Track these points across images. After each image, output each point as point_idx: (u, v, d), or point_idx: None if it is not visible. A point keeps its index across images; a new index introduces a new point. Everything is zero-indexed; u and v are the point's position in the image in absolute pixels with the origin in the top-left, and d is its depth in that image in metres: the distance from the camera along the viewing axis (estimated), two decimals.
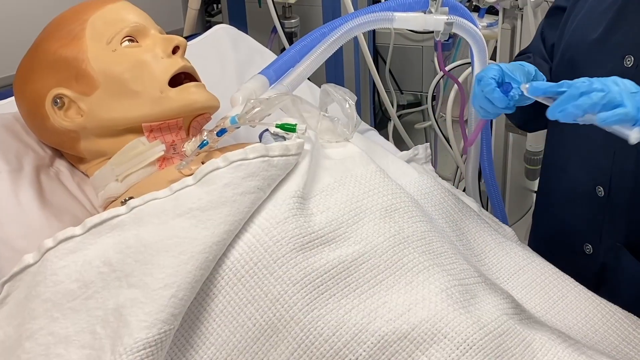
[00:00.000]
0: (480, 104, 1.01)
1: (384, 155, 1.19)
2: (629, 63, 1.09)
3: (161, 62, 1.10)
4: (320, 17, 2.17)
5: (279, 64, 1.27)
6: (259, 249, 0.91)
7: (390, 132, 2.48)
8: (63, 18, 1.14)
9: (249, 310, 0.89)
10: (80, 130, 1.10)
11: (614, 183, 1.16)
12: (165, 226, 0.90)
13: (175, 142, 1.11)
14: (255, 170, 0.95)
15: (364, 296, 0.91)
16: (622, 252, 1.17)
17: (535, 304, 1.07)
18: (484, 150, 1.44)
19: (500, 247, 1.14)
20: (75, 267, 0.89)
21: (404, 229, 1.00)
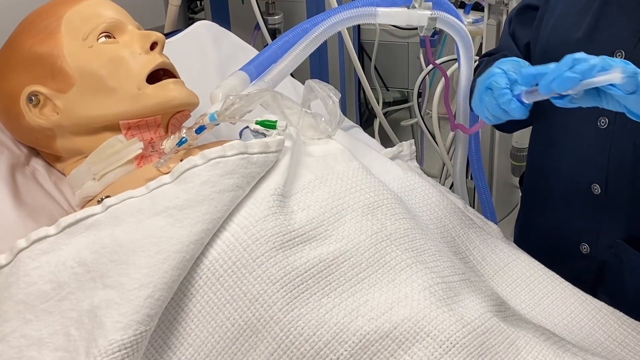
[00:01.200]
0: (494, 113, 0.96)
1: (367, 153, 1.18)
2: (620, 57, 1.08)
3: (139, 58, 1.08)
4: (304, 13, 2.16)
5: (260, 60, 1.25)
6: (237, 247, 0.90)
7: (377, 130, 2.47)
8: (38, 14, 1.12)
9: (228, 310, 0.88)
10: (56, 128, 1.08)
11: (611, 179, 1.14)
12: (141, 225, 0.89)
13: (154, 140, 1.09)
14: (233, 167, 0.93)
15: (345, 295, 0.90)
16: (623, 248, 1.16)
17: (521, 301, 1.06)
18: (472, 146, 1.43)
19: (485, 244, 1.13)
20: (48, 267, 0.88)
21: (386, 226, 0.99)
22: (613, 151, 1.13)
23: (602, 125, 1.12)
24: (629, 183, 1.13)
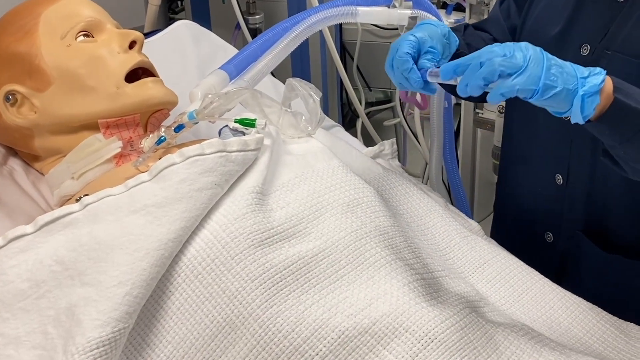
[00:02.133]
0: (397, 78, 0.97)
1: (348, 151, 1.18)
2: (585, 51, 1.10)
3: (117, 57, 1.08)
4: (286, 12, 2.16)
5: (240, 58, 1.25)
6: (216, 245, 0.90)
7: (359, 130, 2.47)
8: (15, 12, 1.12)
9: (207, 307, 0.88)
10: (33, 127, 1.08)
11: (572, 171, 1.16)
12: (119, 223, 0.89)
13: (133, 139, 1.09)
14: (212, 165, 0.93)
15: (325, 292, 0.90)
16: (582, 239, 1.18)
17: (500, 297, 1.06)
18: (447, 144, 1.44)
19: (465, 241, 1.13)
20: (26, 266, 0.87)
21: (366, 223, 0.99)
22: (574, 144, 1.15)
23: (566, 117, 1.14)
24: (587, 176, 1.15)
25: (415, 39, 0.97)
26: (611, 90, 0.90)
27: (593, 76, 0.88)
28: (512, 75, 0.85)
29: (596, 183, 1.14)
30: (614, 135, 0.94)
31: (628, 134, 0.93)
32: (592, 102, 0.88)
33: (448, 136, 1.46)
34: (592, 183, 1.14)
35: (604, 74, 0.89)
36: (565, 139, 1.15)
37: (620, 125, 0.92)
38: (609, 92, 0.90)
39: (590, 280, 1.18)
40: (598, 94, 0.88)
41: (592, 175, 1.14)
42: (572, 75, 0.88)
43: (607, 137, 0.95)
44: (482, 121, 2.05)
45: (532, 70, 0.85)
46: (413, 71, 0.94)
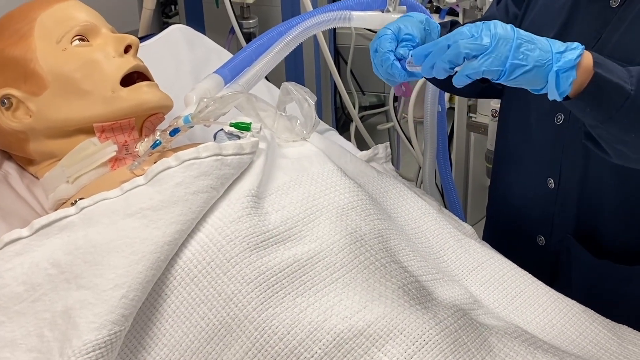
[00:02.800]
0: (383, 76, 0.98)
1: (342, 155, 1.18)
2: None
3: (113, 61, 1.08)
4: (280, 17, 2.17)
5: (235, 63, 1.26)
6: (212, 248, 0.90)
7: (353, 134, 2.48)
8: (10, 17, 1.12)
9: (202, 310, 0.88)
10: (29, 131, 1.08)
11: (563, 174, 1.17)
12: (115, 226, 0.89)
13: (128, 143, 1.09)
14: (207, 169, 0.94)
15: (320, 294, 0.90)
16: (572, 243, 1.19)
17: (494, 300, 1.07)
18: (440, 148, 1.45)
19: (459, 244, 1.14)
20: (21, 269, 0.87)
21: (360, 226, 0.99)
22: (566, 147, 1.15)
23: (558, 121, 1.14)
24: (578, 180, 1.15)
25: (390, 32, 0.97)
26: (591, 65, 0.88)
27: (569, 51, 0.87)
28: (477, 57, 0.85)
29: (587, 187, 1.15)
30: (595, 113, 0.92)
31: (611, 111, 0.91)
32: (567, 78, 0.87)
33: (441, 140, 1.47)
34: (583, 187, 1.15)
35: (581, 48, 0.87)
36: (557, 142, 1.16)
37: (602, 102, 0.90)
38: (588, 67, 0.88)
39: (580, 284, 1.18)
40: (574, 69, 0.87)
41: (583, 179, 1.14)
42: (546, 51, 0.87)
43: (589, 115, 0.93)
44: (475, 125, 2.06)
45: (499, 51, 0.85)
46: (394, 66, 0.95)
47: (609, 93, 0.90)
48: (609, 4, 1.08)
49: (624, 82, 0.90)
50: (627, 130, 0.93)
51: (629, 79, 0.90)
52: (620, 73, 0.91)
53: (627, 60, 1.03)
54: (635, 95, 0.90)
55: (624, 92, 0.90)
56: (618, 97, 0.90)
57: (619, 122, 0.92)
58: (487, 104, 1.94)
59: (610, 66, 0.90)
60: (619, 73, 0.90)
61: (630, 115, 0.91)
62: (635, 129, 0.93)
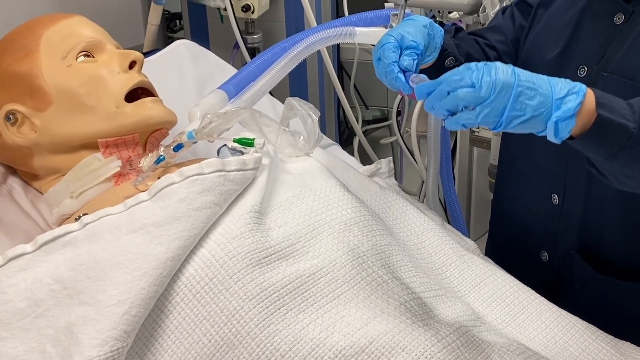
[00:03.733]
0: (387, 84, 0.98)
1: (345, 170, 1.19)
2: (582, 73, 1.11)
3: (117, 77, 1.09)
4: (284, 32, 2.17)
5: (239, 78, 1.26)
6: (214, 264, 0.90)
7: (356, 148, 2.48)
8: (16, 33, 1.13)
9: (205, 326, 0.88)
10: (33, 146, 1.09)
11: (568, 190, 1.17)
12: (118, 242, 0.89)
13: (132, 158, 1.10)
14: (211, 185, 0.94)
15: (322, 310, 0.91)
16: (575, 259, 1.19)
17: (497, 316, 1.07)
18: (443, 163, 1.45)
19: (461, 260, 1.14)
20: (25, 285, 0.88)
21: (363, 242, 0.99)
22: (570, 163, 1.15)
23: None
24: (582, 196, 1.15)
25: (394, 39, 0.97)
26: (594, 107, 0.88)
27: (570, 96, 0.86)
28: (475, 107, 0.85)
29: (591, 203, 1.15)
30: (599, 150, 0.92)
31: (614, 149, 0.91)
32: (566, 126, 0.87)
33: (445, 154, 1.47)
34: (587, 203, 1.15)
35: (582, 95, 0.87)
36: (561, 159, 1.16)
37: (605, 142, 0.90)
38: (591, 109, 0.88)
39: (583, 300, 1.18)
40: (574, 118, 0.86)
41: (587, 196, 1.14)
42: (547, 97, 0.86)
43: (592, 152, 0.93)
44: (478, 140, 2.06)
45: (497, 102, 0.84)
46: (398, 80, 0.95)
47: (612, 133, 0.89)
48: (613, 20, 1.09)
49: (627, 121, 0.90)
50: (629, 165, 0.93)
51: (632, 116, 0.90)
52: (623, 111, 0.90)
53: (631, 77, 1.03)
54: (639, 134, 0.90)
55: (627, 131, 0.89)
56: (621, 136, 0.90)
57: (621, 159, 0.92)
58: None
59: (612, 104, 0.90)
60: (621, 111, 0.90)
61: (633, 152, 0.91)
62: (637, 165, 0.93)
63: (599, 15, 1.11)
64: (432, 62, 1.10)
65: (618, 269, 1.15)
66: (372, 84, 2.62)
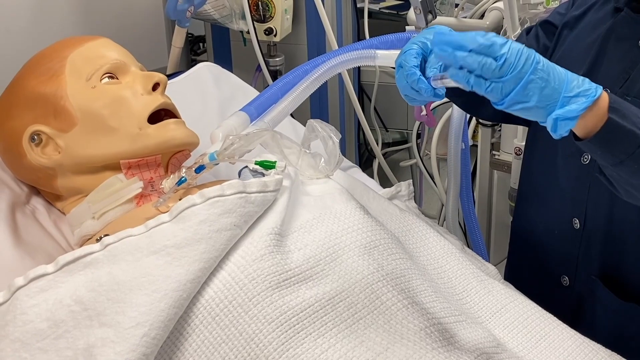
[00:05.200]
0: (407, 93, 0.95)
1: (365, 192, 1.18)
2: None
3: (141, 98, 1.10)
4: (305, 55, 2.19)
5: (261, 100, 1.27)
6: (234, 287, 0.90)
7: (376, 170, 2.48)
8: (43, 55, 1.14)
9: (223, 349, 0.88)
10: (57, 167, 1.09)
11: (589, 215, 1.16)
12: (139, 264, 0.89)
13: (154, 179, 1.10)
14: (232, 206, 0.94)
15: (341, 335, 0.90)
16: (597, 284, 1.17)
17: (518, 343, 1.05)
18: (463, 186, 1.44)
19: (482, 285, 1.13)
20: (46, 305, 0.88)
21: (383, 266, 0.99)
22: (592, 187, 1.14)
23: (585, 161, 1.14)
24: (604, 221, 1.14)
25: (417, 47, 0.94)
26: (606, 109, 0.87)
27: (580, 97, 0.85)
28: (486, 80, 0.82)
29: (613, 228, 1.13)
30: (606, 156, 0.91)
31: (621, 156, 0.89)
32: (565, 125, 0.85)
33: (465, 178, 1.47)
34: (609, 228, 1.14)
35: (591, 99, 0.85)
36: (583, 183, 1.15)
37: (612, 147, 0.89)
38: (602, 112, 0.87)
39: (605, 326, 1.17)
40: (575, 120, 0.85)
41: (609, 220, 1.13)
42: (555, 92, 0.84)
43: (599, 157, 0.92)
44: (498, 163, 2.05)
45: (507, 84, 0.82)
46: (421, 81, 0.91)
47: (621, 139, 0.88)
48: (637, 43, 1.08)
49: (638, 129, 0.89)
50: (636, 175, 0.92)
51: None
52: (636, 119, 0.89)
53: None
54: None
55: (637, 138, 0.89)
56: (630, 143, 0.89)
57: (629, 167, 0.91)
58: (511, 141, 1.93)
59: (626, 111, 0.89)
60: (633, 119, 0.89)
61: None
62: None
63: (623, 39, 1.10)
64: None
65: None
66: (392, 107, 2.63)
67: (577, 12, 1.20)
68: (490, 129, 2.04)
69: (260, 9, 1.99)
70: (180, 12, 1.72)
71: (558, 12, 1.25)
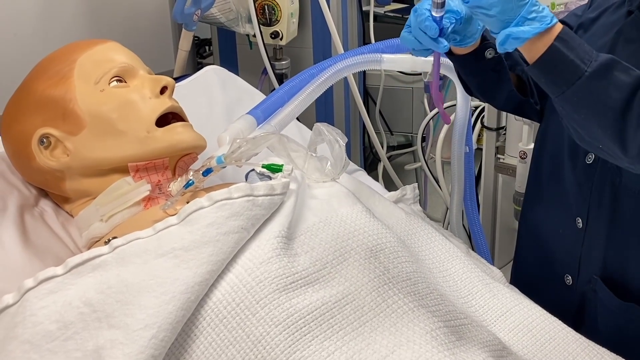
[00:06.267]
0: (415, 34, 1.00)
1: (371, 195, 1.19)
2: None
3: (149, 102, 1.11)
4: (311, 58, 2.20)
5: (267, 104, 1.28)
6: (241, 289, 0.91)
7: (380, 174, 2.48)
8: (51, 58, 1.15)
9: (231, 351, 0.88)
10: (65, 169, 1.10)
11: (591, 215, 1.17)
12: (147, 266, 0.90)
13: (161, 182, 1.11)
14: (239, 209, 0.95)
15: (348, 338, 0.90)
16: (598, 285, 1.18)
17: (523, 346, 1.06)
18: (468, 190, 1.45)
19: (487, 288, 1.13)
20: (55, 307, 0.88)
21: (389, 269, 0.99)
22: (595, 188, 1.15)
23: (589, 160, 1.14)
24: (606, 222, 1.15)
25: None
26: (553, 37, 0.91)
27: (534, 21, 0.91)
28: None
29: (615, 229, 1.14)
30: (549, 84, 0.95)
31: (562, 86, 0.93)
32: (513, 43, 0.91)
33: (469, 181, 1.47)
34: (611, 229, 1.14)
35: (544, 25, 0.91)
36: (587, 182, 1.16)
37: (554, 76, 0.93)
38: (551, 38, 0.91)
39: (606, 326, 1.17)
40: (523, 42, 0.91)
41: (611, 221, 1.14)
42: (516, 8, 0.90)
43: (544, 85, 0.96)
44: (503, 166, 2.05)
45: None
46: (427, 19, 0.97)
47: (562, 69, 0.92)
48: None
49: (581, 62, 0.92)
50: (577, 109, 0.95)
51: (590, 62, 0.92)
52: (583, 54, 0.93)
53: None
54: (589, 77, 0.92)
55: (578, 71, 0.92)
56: (571, 74, 0.92)
57: (570, 99, 0.94)
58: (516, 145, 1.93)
59: (575, 44, 0.93)
60: (580, 53, 0.93)
61: (580, 95, 0.93)
62: (584, 110, 0.94)
63: (631, 41, 1.11)
64: (472, 47, 1.11)
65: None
66: (397, 110, 2.63)
67: (593, 14, 1.21)
68: (495, 132, 2.04)
69: (267, 13, 2.00)
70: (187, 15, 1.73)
71: (574, 14, 1.27)
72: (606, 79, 0.92)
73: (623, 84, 0.92)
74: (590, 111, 0.94)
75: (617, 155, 0.97)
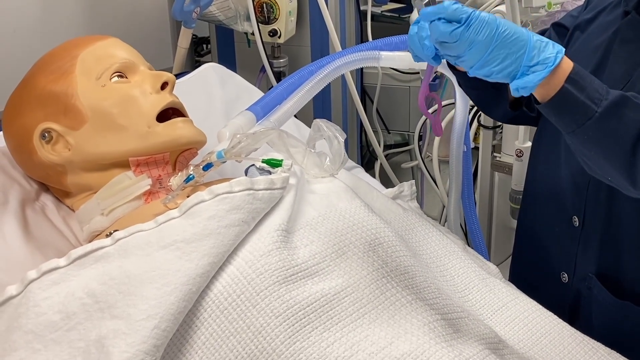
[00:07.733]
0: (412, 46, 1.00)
1: (369, 191, 1.20)
2: None
3: (149, 97, 1.12)
4: (309, 56, 2.20)
5: (267, 100, 1.29)
6: (242, 281, 0.92)
7: (377, 172, 2.49)
8: (53, 54, 1.16)
9: (231, 342, 0.89)
10: (67, 164, 1.11)
11: (588, 213, 1.18)
12: (149, 258, 0.91)
13: (162, 177, 1.12)
14: (240, 203, 0.96)
15: (346, 329, 0.91)
16: (594, 282, 1.19)
17: (519, 340, 1.07)
18: (465, 188, 1.46)
19: (483, 283, 1.14)
20: (58, 298, 0.89)
21: (387, 263, 1.00)
22: (591, 187, 1.16)
23: None
24: (602, 220, 1.16)
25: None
26: (564, 79, 0.92)
27: (538, 66, 0.91)
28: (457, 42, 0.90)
29: (610, 227, 1.15)
30: (559, 123, 0.96)
31: (572, 125, 0.94)
32: (524, 92, 0.92)
33: (466, 179, 1.48)
34: (607, 227, 1.16)
35: (548, 68, 0.91)
36: (583, 181, 1.17)
37: (564, 116, 0.94)
38: (560, 80, 0.92)
39: (601, 323, 1.18)
40: (532, 89, 0.92)
41: (607, 219, 1.15)
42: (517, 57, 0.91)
43: (554, 122, 0.97)
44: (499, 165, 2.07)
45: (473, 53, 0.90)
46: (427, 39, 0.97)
47: (572, 110, 0.94)
48: None
49: (592, 103, 0.93)
50: (587, 146, 0.96)
51: (600, 101, 0.93)
52: (593, 93, 0.94)
53: None
54: (599, 118, 0.93)
55: (589, 112, 0.93)
56: (581, 115, 0.93)
57: (581, 137, 0.95)
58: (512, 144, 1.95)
59: (586, 84, 0.94)
60: (591, 93, 0.94)
61: (590, 135, 0.94)
62: (594, 147, 0.96)
63: (627, 41, 1.12)
64: None
65: (637, 295, 1.15)
66: (394, 109, 2.64)
67: (589, 15, 1.22)
68: (491, 131, 2.05)
69: (265, 11, 2.01)
70: (186, 13, 1.74)
71: (571, 15, 1.28)
72: (616, 118, 0.93)
73: (633, 121, 0.93)
74: (600, 148, 0.96)
75: (625, 187, 0.99)
